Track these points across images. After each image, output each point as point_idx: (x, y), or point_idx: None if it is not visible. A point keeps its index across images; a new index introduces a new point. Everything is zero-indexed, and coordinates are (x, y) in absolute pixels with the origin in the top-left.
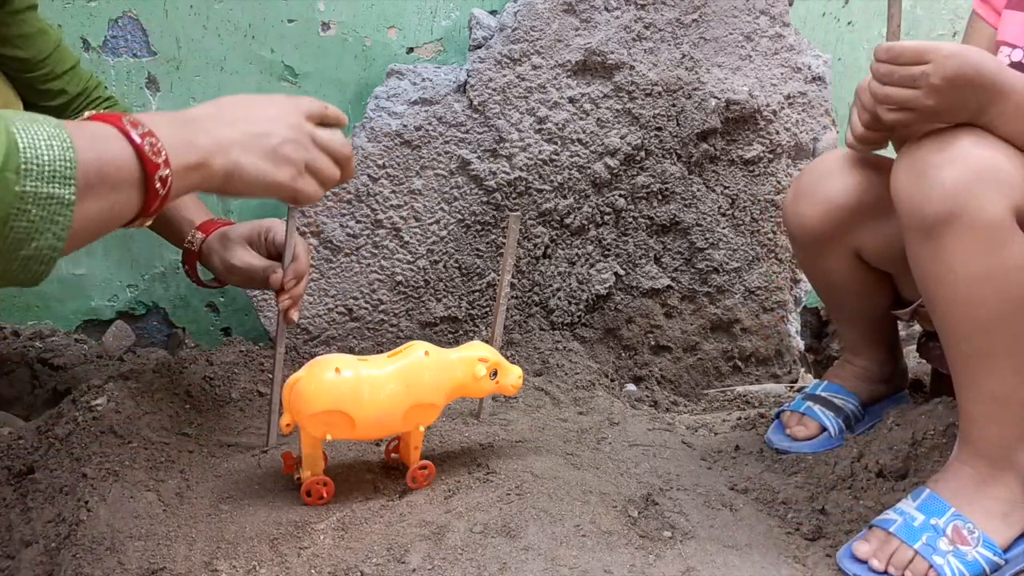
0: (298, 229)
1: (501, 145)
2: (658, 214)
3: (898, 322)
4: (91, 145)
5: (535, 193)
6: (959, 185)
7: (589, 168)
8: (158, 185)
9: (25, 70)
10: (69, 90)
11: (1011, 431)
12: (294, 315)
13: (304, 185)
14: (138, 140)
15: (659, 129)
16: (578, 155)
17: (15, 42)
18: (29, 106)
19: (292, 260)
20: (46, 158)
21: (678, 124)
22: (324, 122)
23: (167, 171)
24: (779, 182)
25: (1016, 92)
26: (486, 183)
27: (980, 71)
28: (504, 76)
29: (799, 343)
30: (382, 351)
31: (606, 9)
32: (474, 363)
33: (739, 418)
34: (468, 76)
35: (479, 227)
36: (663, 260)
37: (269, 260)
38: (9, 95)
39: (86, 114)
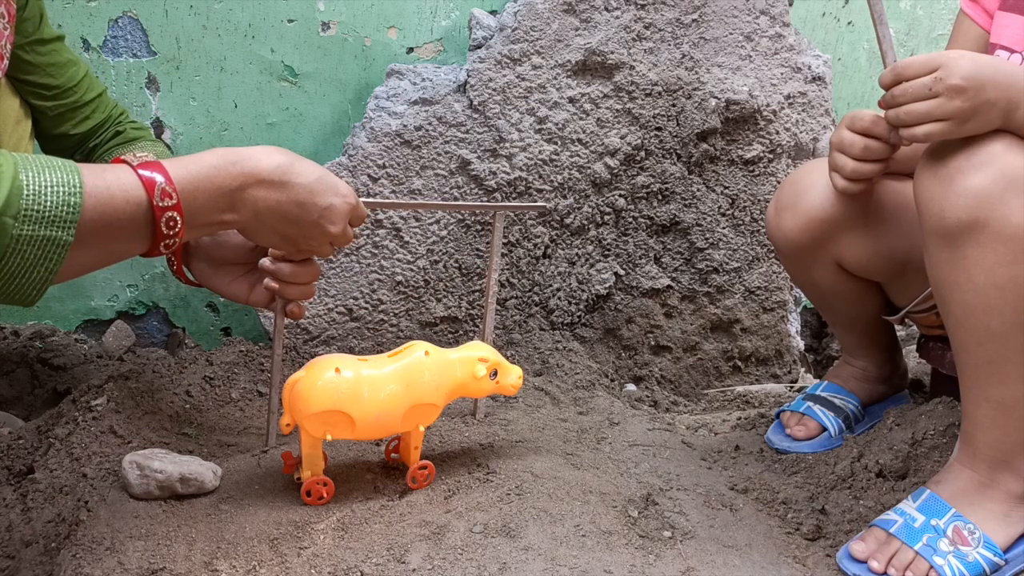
0: None
1: (501, 145)
2: (658, 214)
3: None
4: (103, 191)
5: (535, 193)
6: (987, 192)
7: (589, 168)
8: (164, 228)
9: (56, 97)
10: (95, 116)
11: (1013, 436)
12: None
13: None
14: (146, 176)
15: (659, 129)
16: (578, 155)
17: (48, 70)
18: (56, 133)
19: None
20: (48, 203)
21: (678, 124)
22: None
23: (175, 214)
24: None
25: None
26: (486, 183)
27: (998, 69)
28: (504, 76)
29: (799, 343)
30: (382, 351)
31: (606, 9)
32: (474, 363)
33: (739, 418)
34: (468, 76)
35: (479, 227)
36: (663, 260)
37: None
38: (21, 115)
39: (134, 154)
